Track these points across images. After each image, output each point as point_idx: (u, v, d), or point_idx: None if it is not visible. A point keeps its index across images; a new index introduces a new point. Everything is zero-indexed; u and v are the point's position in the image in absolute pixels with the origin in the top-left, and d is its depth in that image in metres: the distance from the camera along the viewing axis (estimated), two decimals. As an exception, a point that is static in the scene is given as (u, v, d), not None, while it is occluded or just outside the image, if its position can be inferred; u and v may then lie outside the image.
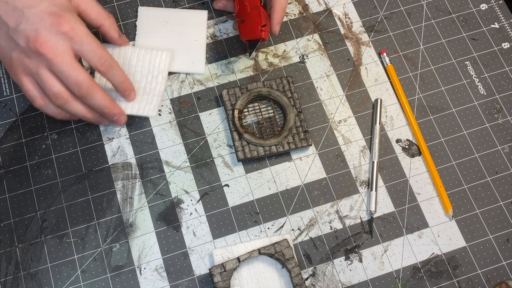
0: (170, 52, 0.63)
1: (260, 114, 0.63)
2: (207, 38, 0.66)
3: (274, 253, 0.55)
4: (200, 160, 0.61)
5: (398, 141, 0.62)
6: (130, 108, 0.60)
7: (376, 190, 0.59)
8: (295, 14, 0.68)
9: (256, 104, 0.63)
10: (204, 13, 0.67)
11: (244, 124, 0.62)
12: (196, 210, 0.59)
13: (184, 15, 0.66)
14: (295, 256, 0.55)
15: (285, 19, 0.67)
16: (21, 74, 0.54)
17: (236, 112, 0.61)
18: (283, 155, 0.61)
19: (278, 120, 0.62)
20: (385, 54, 0.65)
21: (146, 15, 0.66)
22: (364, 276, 0.57)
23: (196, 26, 0.66)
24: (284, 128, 0.61)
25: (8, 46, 0.53)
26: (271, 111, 0.63)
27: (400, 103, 0.64)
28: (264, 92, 0.62)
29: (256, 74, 0.65)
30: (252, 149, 0.60)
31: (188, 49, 0.65)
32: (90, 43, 0.53)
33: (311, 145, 0.61)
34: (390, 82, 0.65)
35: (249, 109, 0.63)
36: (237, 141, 0.60)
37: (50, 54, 0.51)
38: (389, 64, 0.65)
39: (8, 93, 0.63)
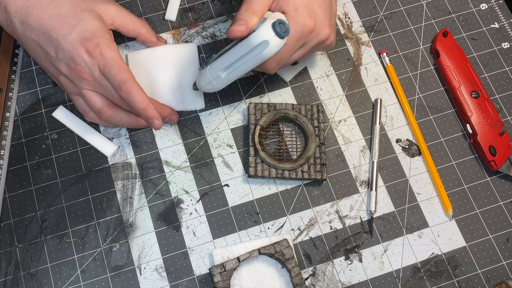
0: (194, 43, 0.65)
1: (281, 135, 0.61)
2: (206, 38, 0.66)
3: (274, 253, 0.55)
4: (200, 160, 0.61)
5: (398, 141, 0.62)
6: (180, 105, 0.62)
7: (376, 190, 0.59)
8: (295, 14, 0.68)
9: (281, 125, 0.62)
10: (193, 46, 0.65)
11: (263, 142, 0.61)
12: (196, 210, 0.59)
13: (173, 50, 0.64)
14: (295, 256, 0.55)
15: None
16: (70, 94, 0.58)
17: (258, 128, 0.60)
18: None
19: (298, 146, 0.61)
20: (385, 54, 0.65)
21: (135, 59, 0.64)
22: (364, 276, 0.57)
23: (187, 59, 0.64)
24: (302, 156, 0.59)
25: (54, 71, 0.58)
26: (294, 135, 0.62)
27: (400, 103, 0.64)
28: (291, 115, 0.61)
29: (256, 74, 0.65)
30: (264, 168, 0.59)
31: (184, 86, 0.63)
32: (113, 68, 0.54)
33: (325, 179, 0.59)
34: (390, 82, 0.65)
35: (272, 128, 0.62)
36: (252, 157, 0.59)
37: (89, 78, 0.55)
38: (389, 64, 0.65)
39: (8, 93, 0.63)
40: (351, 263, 0.57)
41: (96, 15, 0.57)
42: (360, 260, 0.57)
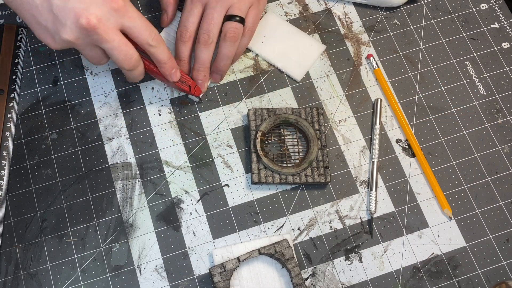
0: None
1: (283, 140, 0.61)
2: None
3: (274, 253, 0.55)
4: (200, 160, 0.61)
5: (398, 141, 0.62)
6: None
7: (376, 190, 0.59)
8: (295, 14, 0.68)
9: (281, 129, 0.62)
10: (321, 47, 0.66)
11: (265, 147, 0.61)
12: (196, 210, 0.59)
13: (303, 40, 0.66)
14: (295, 256, 0.55)
15: (285, 18, 0.67)
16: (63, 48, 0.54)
17: (259, 134, 0.60)
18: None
19: (300, 150, 0.61)
20: (371, 58, 0.65)
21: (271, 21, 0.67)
22: (364, 276, 0.57)
23: (310, 48, 0.66)
24: (305, 160, 0.59)
25: (51, 26, 0.51)
26: (295, 139, 0.61)
27: (390, 106, 0.64)
28: (291, 120, 0.61)
29: (256, 74, 0.65)
30: (268, 175, 0.58)
31: (299, 54, 0.65)
32: (141, 19, 0.54)
33: (329, 182, 0.59)
34: (379, 85, 0.65)
35: (273, 133, 0.61)
36: (255, 163, 0.59)
37: (102, 32, 0.51)
38: (377, 68, 0.65)
39: (8, 93, 0.63)
40: (351, 263, 0.57)
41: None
42: (360, 260, 0.57)
